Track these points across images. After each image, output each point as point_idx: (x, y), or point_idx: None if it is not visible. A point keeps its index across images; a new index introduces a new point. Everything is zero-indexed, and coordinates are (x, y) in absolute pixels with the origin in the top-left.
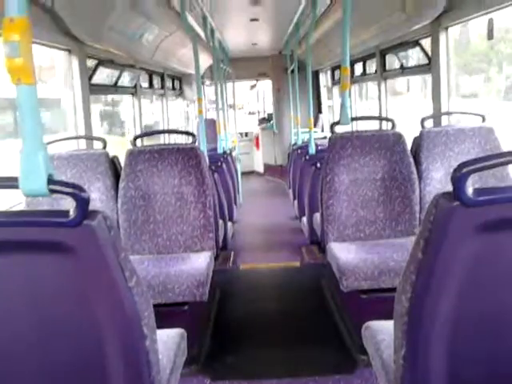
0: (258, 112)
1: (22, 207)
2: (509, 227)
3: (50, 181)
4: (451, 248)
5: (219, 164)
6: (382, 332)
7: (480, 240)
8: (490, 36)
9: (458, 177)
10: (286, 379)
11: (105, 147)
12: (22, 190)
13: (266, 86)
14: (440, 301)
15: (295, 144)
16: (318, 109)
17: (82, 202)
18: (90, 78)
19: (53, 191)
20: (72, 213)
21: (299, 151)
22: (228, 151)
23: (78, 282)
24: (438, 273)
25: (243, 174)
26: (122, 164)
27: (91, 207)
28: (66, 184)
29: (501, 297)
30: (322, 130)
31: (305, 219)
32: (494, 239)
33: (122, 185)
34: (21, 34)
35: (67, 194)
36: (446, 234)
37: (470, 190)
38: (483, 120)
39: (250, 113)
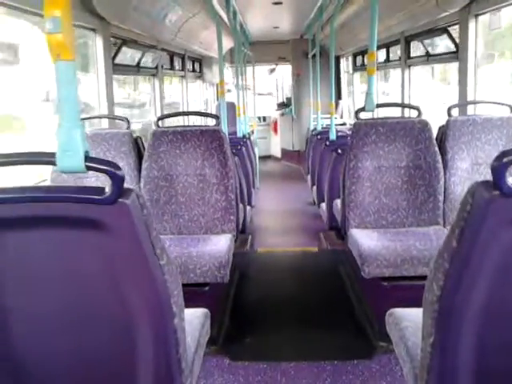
0: (272, 94)
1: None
2: None
3: (87, 158)
4: (488, 238)
5: (239, 148)
6: (407, 319)
7: None
8: None
9: (499, 166)
10: (304, 362)
11: (128, 127)
12: (58, 167)
13: (285, 70)
14: (473, 290)
15: (314, 129)
16: (338, 95)
17: (118, 180)
18: (114, 57)
19: (90, 168)
20: (107, 190)
21: (319, 137)
22: (247, 135)
23: (111, 258)
24: (472, 262)
25: (260, 158)
26: (146, 144)
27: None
28: (103, 161)
29: None
30: (342, 117)
31: (324, 205)
32: None
33: (145, 165)
34: (62, 10)
35: (103, 171)
36: (484, 223)
37: (510, 180)
38: (511, 110)
39: (259, 94)
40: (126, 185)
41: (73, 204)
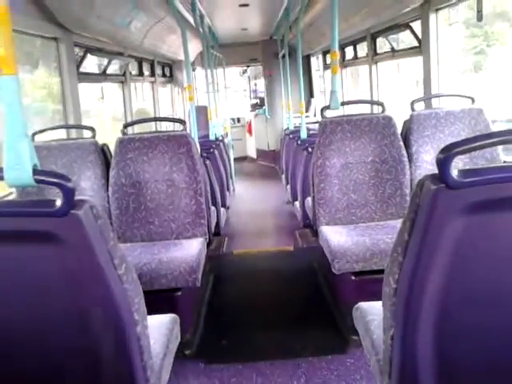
0: (244, 90)
1: (13, 197)
2: (494, 208)
3: (35, 171)
4: (437, 230)
5: (211, 150)
6: (373, 313)
7: (465, 221)
8: (479, 18)
9: (443, 159)
10: (280, 361)
11: (94, 136)
12: (6, 181)
13: (257, 70)
14: (427, 282)
15: (287, 129)
16: (310, 93)
17: (68, 192)
18: (78, 66)
19: (38, 181)
20: (58, 202)
21: (291, 136)
22: (220, 137)
23: (67, 271)
24: (424, 254)
25: (236, 159)
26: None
27: (83, 196)
28: (51, 174)
29: (486, 276)
30: (315, 115)
31: (297, 203)
32: (479, 220)
33: (112, 173)
34: (0, 24)
35: (52, 184)
36: (432, 215)
37: (455, 172)
38: (473, 102)
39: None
40: (93, 194)
41: (25, 218)
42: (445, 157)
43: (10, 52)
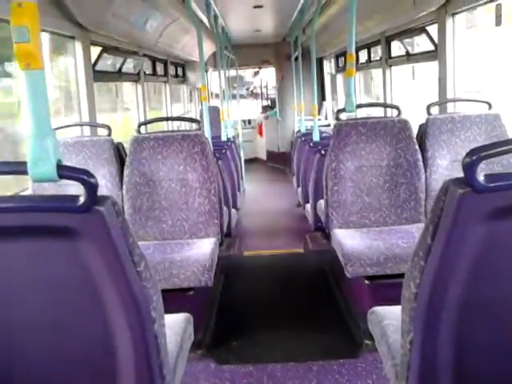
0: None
1: (28, 193)
2: None
3: (59, 166)
4: (461, 234)
5: (223, 151)
6: (389, 317)
7: (490, 226)
8: (498, 22)
9: (470, 162)
10: (291, 363)
11: (109, 134)
12: (30, 176)
13: (269, 72)
14: (449, 287)
15: (299, 131)
16: (322, 96)
17: (91, 188)
18: (94, 64)
19: (62, 176)
20: (81, 198)
21: (303, 138)
22: (232, 138)
23: (87, 266)
24: (447, 259)
25: (246, 161)
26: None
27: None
28: (75, 169)
29: (510, 284)
30: (326, 118)
31: (309, 206)
32: (504, 226)
33: (126, 171)
34: (29, 19)
35: (76, 179)
36: (457, 220)
37: (481, 176)
38: (489, 107)
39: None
40: (107, 192)
41: (47, 213)
42: (472, 160)
43: (37, 47)
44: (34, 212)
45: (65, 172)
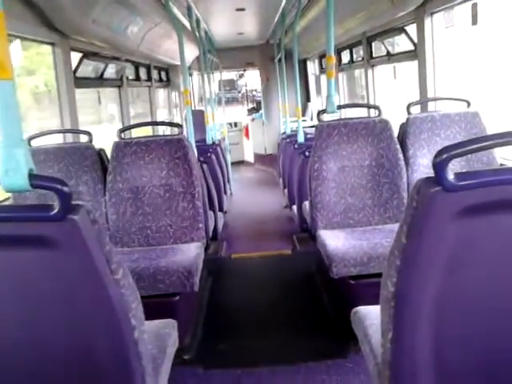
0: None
1: (9, 203)
2: (490, 211)
3: (31, 176)
4: (434, 233)
5: (208, 155)
6: (371, 317)
7: (462, 224)
8: (474, 21)
9: (439, 162)
10: (279, 366)
11: (91, 141)
12: (2, 186)
13: (254, 75)
14: (425, 285)
15: (284, 133)
16: (307, 97)
17: (64, 196)
18: (75, 71)
19: (34, 186)
20: (55, 207)
21: (288, 140)
22: (217, 142)
23: (63, 275)
24: (421, 257)
25: (233, 164)
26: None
27: (79, 201)
28: (48, 179)
29: (484, 279)
30: (311, 119)
31: (295, 207)
32: (475, 223)
33: (109, 178)
34: None
35: (49, 188)
36: (428, 219)
37: (451, 175)
38: (468, 105)
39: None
40: (89, 199)
41: (21, 223)
42: (441, 160)
43: (5, 57)
44: (7, 222)
45: (37, 181)
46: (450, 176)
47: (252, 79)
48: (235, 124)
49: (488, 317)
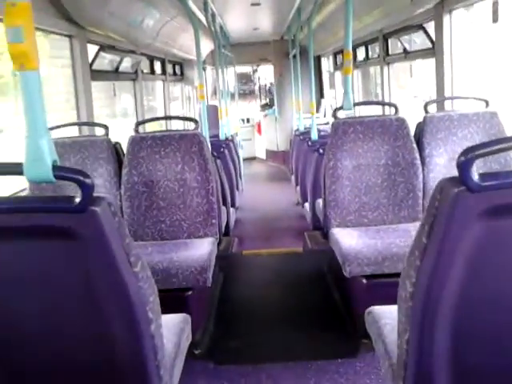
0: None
1: (25, 193)
2: None
3: (55, 167)
4: (456, 233)
5: (221, 150)
6: (385, 317)
7: (485, 225)
8: (495, 18)
9: (464, 161)
10: (289, 363)
11: (107, 134)
12: (26, 177)
13: (268, 70)
14: (445, 286)
15: (297, 130)
16: (320, 94)
17: (87, 188)
18: (92, 63)
19: (57, 177)
20: (77, 199)
21: (301, 137)
22: (230, 137)
23: (83, 267)
24: (442, 258)
25: (245, 160)
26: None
27: (94, 193)
28: (71, 170)
29: (506, 281)
30: (325, 116)
31: (307, 205)
32: (499, 224)
33: (124, 171)
34: (23, 19)
35: (71, 180)
36: (451, 219)
37: (475, 175)
38: (487, 105)
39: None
40: (105, 192)
41: (43, 214)
42: (466, 159)
43: (31, 47)
44: (30, 213)
45: (60, 173)
46: (475, 176)
47: (266, 73)
48: (247, 120)
49: (508, 319)
